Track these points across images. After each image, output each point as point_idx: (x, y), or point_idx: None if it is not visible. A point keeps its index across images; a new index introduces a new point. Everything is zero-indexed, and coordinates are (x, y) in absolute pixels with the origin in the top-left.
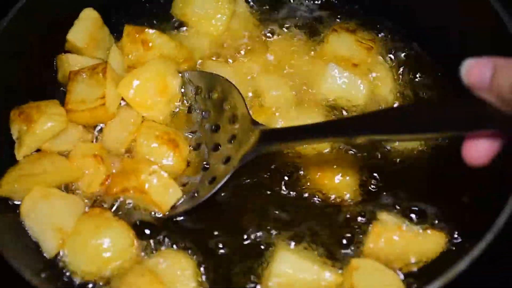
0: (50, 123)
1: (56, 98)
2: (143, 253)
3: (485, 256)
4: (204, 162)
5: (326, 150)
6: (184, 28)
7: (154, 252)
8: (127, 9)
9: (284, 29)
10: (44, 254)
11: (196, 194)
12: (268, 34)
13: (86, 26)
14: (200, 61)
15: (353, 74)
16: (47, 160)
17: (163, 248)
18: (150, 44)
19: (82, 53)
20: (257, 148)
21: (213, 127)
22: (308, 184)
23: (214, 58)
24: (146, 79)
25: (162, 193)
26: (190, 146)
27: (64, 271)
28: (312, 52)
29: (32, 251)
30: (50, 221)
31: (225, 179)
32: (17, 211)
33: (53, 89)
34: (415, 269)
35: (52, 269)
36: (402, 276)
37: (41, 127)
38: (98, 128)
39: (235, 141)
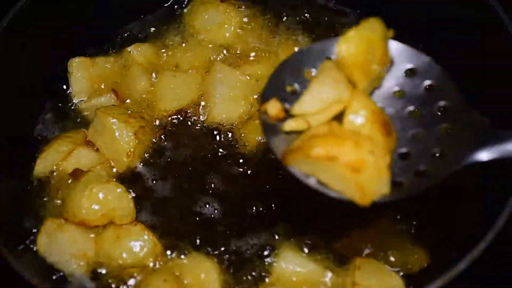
0: None
1: (56, 96)
2: (168, 256)
3: (485, 256)
4: (402, 148)
5: None
6: (193, 37)
7: (178, 255)
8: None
9: (293, 33)
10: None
11: (400, 185)
12: (277, 39)
13: (82, 75)
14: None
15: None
16: None
17: (186, 252)
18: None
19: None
20: (486, 151)
21: (412, 111)
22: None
23: (223, 62)
24: (372, 39)
25: (373, 180)
26: None
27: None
28: None
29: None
30: (72, 250)
31: (442, 175)
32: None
33: (53, 88)
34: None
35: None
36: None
37: None
38: None
39: (449, 135)
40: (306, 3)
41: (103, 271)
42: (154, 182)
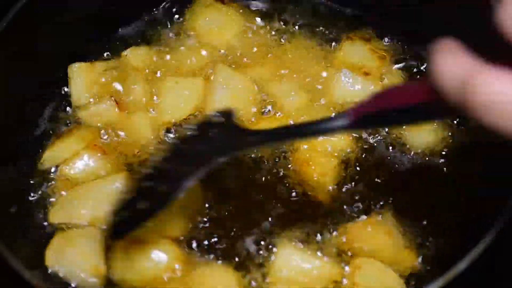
0: None
1: (56, 98)
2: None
3: (485, 256)
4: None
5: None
6: (194, 39)
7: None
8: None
9: (297, 36)
10: None
11: None
12: (280, 42)
13: (81, 80)
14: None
15: (366, 80)
16: None
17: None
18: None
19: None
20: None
21: None
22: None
23: (224, 63)
24: None
25: None
26: None
27: None
28: (325, 59)
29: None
30: (83, 265)
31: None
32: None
33: (53, 89)
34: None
35: None
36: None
37: None
38: None
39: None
40: (311, 5)
41: (115, 284)
42: None
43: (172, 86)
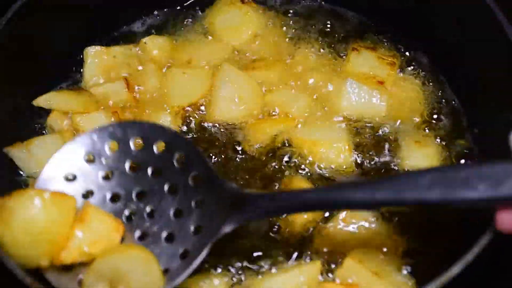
0: None
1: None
2: None
3: (485, 257)
4: (164, 231)
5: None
6: (210, 35)
7: None
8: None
9: (310, 42)
10: None
11: (167, 272)
12: (293, 46)
13: (96, 64)
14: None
15: (372, 89)
16: None
17: None
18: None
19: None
20: (235, 218)
21: (169, 188)
22: None
23: (233, 64)
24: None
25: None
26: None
27: None
28: (334, 69)
29: None
30: None
31: (202, 255)
32: None
33: (51, 88)
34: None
35: None
36: (399, 277)
37: None
38: None
39: (204, 207)
40: (327, 12)
41: None
42: None
43: (179, 76)
